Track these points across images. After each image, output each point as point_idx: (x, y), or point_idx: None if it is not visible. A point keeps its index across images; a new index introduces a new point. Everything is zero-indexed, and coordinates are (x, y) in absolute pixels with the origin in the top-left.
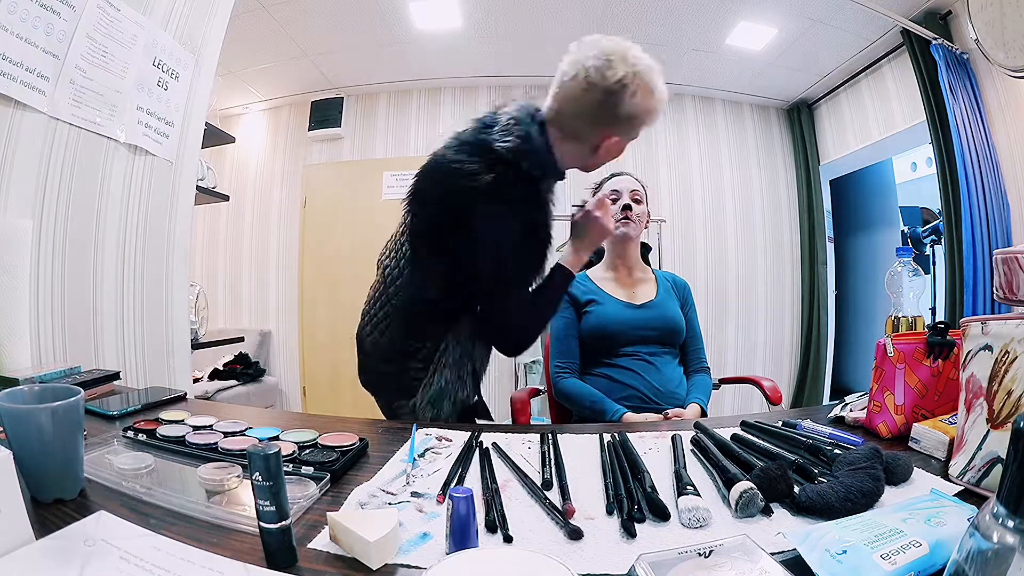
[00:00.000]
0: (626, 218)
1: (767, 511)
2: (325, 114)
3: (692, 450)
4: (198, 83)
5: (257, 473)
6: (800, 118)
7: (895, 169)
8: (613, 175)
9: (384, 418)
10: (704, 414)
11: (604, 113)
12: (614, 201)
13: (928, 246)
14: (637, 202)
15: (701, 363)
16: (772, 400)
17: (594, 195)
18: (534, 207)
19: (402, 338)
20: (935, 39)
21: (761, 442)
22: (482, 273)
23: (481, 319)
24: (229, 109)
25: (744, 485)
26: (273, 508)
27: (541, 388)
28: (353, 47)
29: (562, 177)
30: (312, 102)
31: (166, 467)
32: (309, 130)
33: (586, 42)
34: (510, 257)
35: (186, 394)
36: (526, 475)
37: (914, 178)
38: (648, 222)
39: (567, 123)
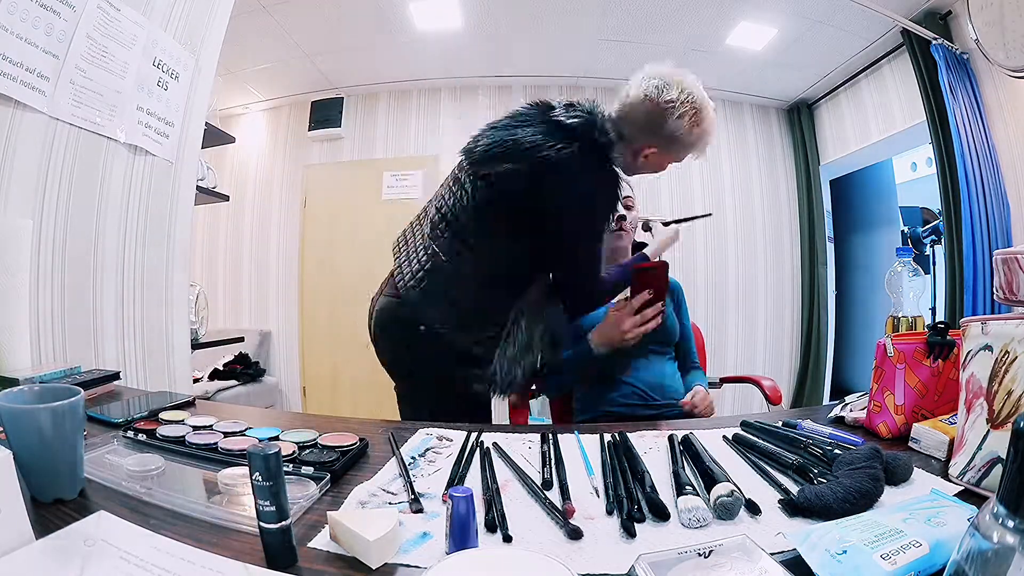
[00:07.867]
0: (620, 229)
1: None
2: (325, 114)
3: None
4: (198, 83)
5: (257, 473)
6: (800, 118)
7: (895, 169)
8: None
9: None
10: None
11: (651, 125)
12: None
13: (928, 246)
14: (629, 209)
15: (693, 362)
16: (772, 400)
17: None
18: (614, 184)
19: (471, 307)
20: (935, 39)
21: (761, 442)
22: (572, 247)
23: (558, 287)
24: (229, 109)
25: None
26: (273, 508)
27: None
28: (353, 47)
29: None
30: (312, 102)
31: (173, 469)
32: (309, 130)
33: (651, 69)
34: (601, 233)
35: (195, 399)
36: (526, 475)
37: (914, 178)
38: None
39: (620, 125)
